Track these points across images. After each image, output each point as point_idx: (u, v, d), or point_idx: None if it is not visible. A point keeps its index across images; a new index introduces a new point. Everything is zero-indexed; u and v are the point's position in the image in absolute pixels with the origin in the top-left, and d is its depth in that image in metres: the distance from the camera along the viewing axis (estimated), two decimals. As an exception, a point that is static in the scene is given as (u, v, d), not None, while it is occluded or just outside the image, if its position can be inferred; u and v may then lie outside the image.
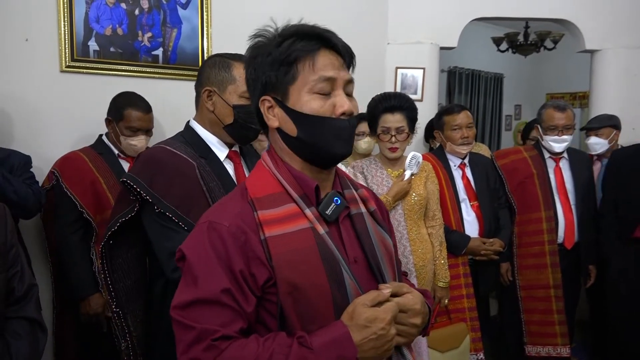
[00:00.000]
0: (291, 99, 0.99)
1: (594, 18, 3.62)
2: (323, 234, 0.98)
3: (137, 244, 1.55)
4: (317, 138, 0.98)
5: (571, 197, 2.86)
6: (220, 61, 1.53)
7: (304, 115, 0.98)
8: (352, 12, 3.39)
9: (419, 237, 2.36)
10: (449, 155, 2.78)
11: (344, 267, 0.97)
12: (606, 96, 3.66)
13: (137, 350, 1.52)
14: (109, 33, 2.60)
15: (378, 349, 0.92)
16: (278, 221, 0.96)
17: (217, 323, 0.90)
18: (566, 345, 2.78)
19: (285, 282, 0.92)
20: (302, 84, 0.98)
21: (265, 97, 1.01)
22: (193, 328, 0.90)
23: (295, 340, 0.89)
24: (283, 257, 0.93)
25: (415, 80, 3.57)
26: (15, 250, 1.30)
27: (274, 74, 0.99)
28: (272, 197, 0.99)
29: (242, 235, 0.94)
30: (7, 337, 1.25)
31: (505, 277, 2.92)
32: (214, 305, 0.91)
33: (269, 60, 0.99)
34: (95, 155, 2.36)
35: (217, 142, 1.55)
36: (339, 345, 0.90)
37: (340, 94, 1.00)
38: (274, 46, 0.99)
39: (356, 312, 0.92)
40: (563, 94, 6.89)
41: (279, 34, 1.01)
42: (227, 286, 0.91)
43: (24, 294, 1.30)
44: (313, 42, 0.98)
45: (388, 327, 0.93)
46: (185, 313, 0.92)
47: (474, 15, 3.61)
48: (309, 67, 0.98)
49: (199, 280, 0.93)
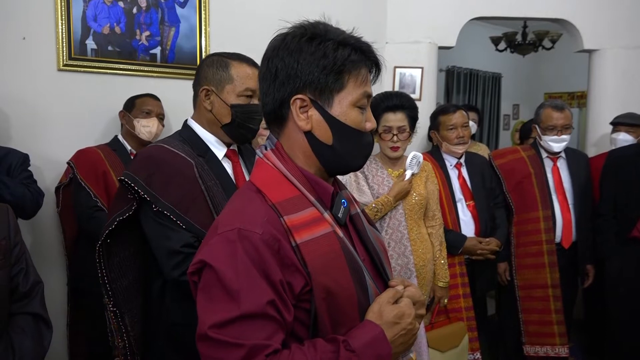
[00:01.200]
0: (334, 108, 0.97)
1: (592, 18, 3.62)
2: (342, 237, 0.98)
3: (135, 242, 1.54)
4: (349, 150, 1.00)
5: (569, 196, 2.86)
6: (218, 60, 1.52)
7: (347, 127, 0.98)
8: (350, 11, 3.38)
9: (419, 237, 2.36)
10: (445, 155, 2.78)
11: (364, 269, 0.99)
12: (604, 96, 3.66)
13: (135, 350, 1.52)
14: (106, 31, 2.59)
15: (406, 343, 0.97)
16: (305, 226, 0.94)
17: (265, 337, 0.86)
18: (564, 345, 2.78)
19: (320, 288, 0.90)
20: (347, 95, 0.97)
21: (301, 96, 0.96)
22: (241, 346, 0.85)
23: (341, 344, 0.89)
24: (316, 262, 0.91)
25: (414, 80, 3.57)
26: (20, 248, 1.32)
27: (323, 77, 0.95)
28: (292, 200, 0.96)
29: (275, 243, 0.90)
30: (11, 333, 1.26)
31: (503, 276, 2.92)
32: (260, 319, 0.87)
33: (322, 62, 0.95)
34: (109, 151, 2.44)
35: (215, 141, 1.55)
36: (377, 344, 0.91)
37: (369, 110, 1.03)
38: (330, 49, 0.95)
39: (385, 311, 0.95)
40: (561, 94, 6.90)
41: (329, 36, 0.96)
42: (271, 297, 0.87)
43: (29, 291, 1.31)
44: (363, 56, 0.99)
45: (414, 321, 0.98)
46: (227, 331, 0.86)
47: (472, 14, 3.61)
48: (357, 81, 0.98)
49: (241, 294, 0.86)
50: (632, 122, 3.13)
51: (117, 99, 2.62)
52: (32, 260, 1.37)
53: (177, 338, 1.43)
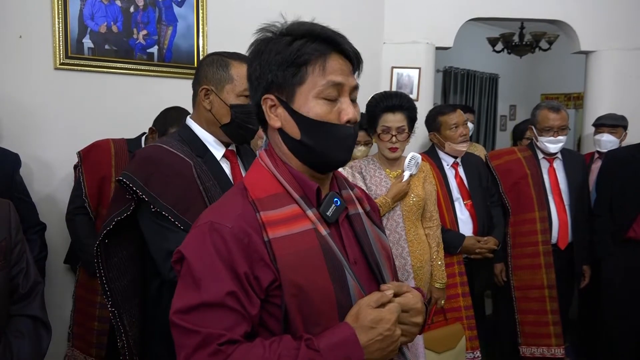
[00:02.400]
0: (297, 102, 0.97)
1: (589, 19, 3.63)
2: (325, 235, 0.97)
3: (133, 243, 1.54)
4: (321, 144, 0.97)
5: (565, 197, 2.87)
6: (218, 60, 1.52)
7: (309, 120, 0.96)
8: (348, 11, 3.38)
9: (417, 238, 2.36)
10: (442, 154, 2.79)
11: (347, 269, 0.97)
12: (601, 97, 3.67)
13: (133, 350, 1.51)
14: (103, 30, 2.58)
15: (384, 349, 0.92)
16: (281, 222, 0.94)
17: (222, 327, 0.88)
18: (560, 345, 2.79)
19: (290, 284, 0.90)
20: (309, 87, 0.96)
21: (269, 95, 0.99)
22: (197, 333, 0.88)
23: (302, 342, 0.88)
24: (288, 258, 0.91)
25: (411, 80, 3.57)
26: (20, 247, 1.30)
27: (281, 74, 0.96)
28: (274, 197, 0.97)
29: (245, 237, 0.91)
30: (9, 336, 1.24)
31: (499, 277, 2.92)
32: (218, 308, 0.89)
33: (277, 59, 0.96)
34: (124, 150, 2.36)
35: (214, 141, 1.54)
36: (345, 346, 0.89)
37: (346, 101, 0.99)
38: (284, 45, 0.96)
39: (361, 314, 0.92)
40: (558, 95, 6.92)
41: (289, 32, 0.98)
42: (232, 289, 0.89)
43: (29, 292, 1.30)
44: (324, 45, 0.96)
45: (394, 327, 0.94)
46: (188, 317, 0.89)
47: (469, 15, 3.62)
48: (318, 71, 0.96)
49: (203, 283, 0.90)
50: (614, 123, 3.18)
51: (114, 99, 2.61)
52: (32, 259, 1.36)
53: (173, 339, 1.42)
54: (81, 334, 2.35)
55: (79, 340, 2.35)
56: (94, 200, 2.29)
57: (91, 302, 2.34)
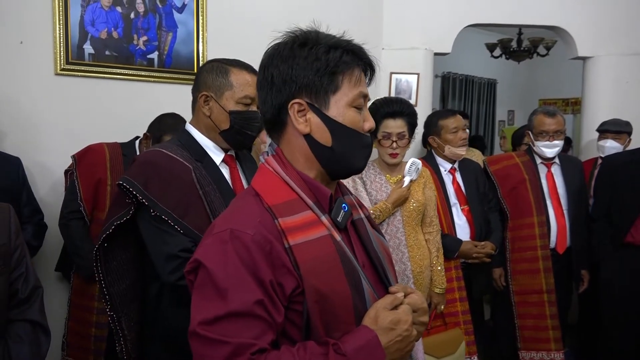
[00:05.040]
0: (331, 109, 0.98)
1: (587, 25, 3.65)
2: (339, 240, 0.98)
3: (132, 246, 1.55)
4: (349, 151, 1.00)
5: (563, 202, 2.88)
6: (218, 66, 1.53)
7: (344, 127, 0.99)
8: (347, 17, 3.40)
9: (417, 244, 2.37)
10: (439, 160, 2.80)
11: (361, 274, 0.99)
12: (598, 103, 3.69)
13: (131, 353, 1.52)
14: (104, 36, 2.60)
15: (402, 350, 0.95)
16: (299, 229, 0.94)
17: (251, 336, 0.87)
18: (559, 350, 2.79)
19: (313, 290, 0.91)
20: (343, 96, 0.98)
21: (299, 100, 0.98)
22: (227, 343, 0.86)
23: (330, 347, 0.89)
24: (309, 264, 0.92)
25: (410, 86, 3.59)
26: (20, 251, 1.30)
27: (317, 79, 0.97)
28: (289, 204, 0.97)
29: (267, 244, 0.91)
30: (8, 341, 1.25)
31: (498, 282, 2.93)
32: (247, 317, 0.88)
33: (315, 65, 0.97)
34: (118, 154, 2.36)
35: (213, 146, 1.56)
36: (369, 349, 0.91)
37: (367, 111, 1.04)
38: (323, 52, 0.97)
39: (380, 316, 0.94)
40: (556, 100, 6.95)
41: (321, 40, 0.99)
42: (259, 297, 0.88)
43: (28, 296, 1.30)
44: (355, 57, 1.00)
45: (411, 328, 0.97)
46: (214, 328, 0.88)
47: (468, 21, 3.64)
48: (353, 81, 0.99)
49: (229, 292, 0.88)
50: (618, 129, 3.16)
51: (115, 104, 2.62)
52: (31, 263, 1.36)
53: (173, 342, 1.43)
54: (76, 341, 2.32)
55: (74, 349, 2.32)
56: (89, 204, 2.27)
57: (87, 308, 2.31)
